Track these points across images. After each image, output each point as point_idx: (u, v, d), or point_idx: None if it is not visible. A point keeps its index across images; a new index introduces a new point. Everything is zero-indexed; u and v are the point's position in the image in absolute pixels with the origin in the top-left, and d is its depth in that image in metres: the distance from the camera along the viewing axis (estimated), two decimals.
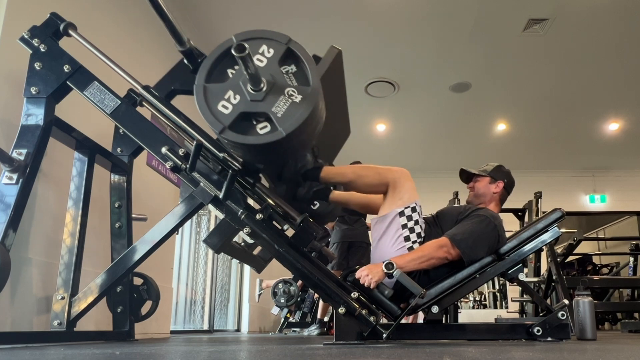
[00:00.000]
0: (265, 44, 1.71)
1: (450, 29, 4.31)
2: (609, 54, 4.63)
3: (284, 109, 1.64)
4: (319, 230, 1.91)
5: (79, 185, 2.18)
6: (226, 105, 1.66)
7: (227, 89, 1.67)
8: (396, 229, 2.01)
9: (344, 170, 2.08)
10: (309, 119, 1.64)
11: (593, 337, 2.51)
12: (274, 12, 4.03)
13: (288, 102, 1.65)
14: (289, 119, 1.62)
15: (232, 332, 5.60)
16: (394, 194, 2.03)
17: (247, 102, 1.65)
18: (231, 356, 1.27)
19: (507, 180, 2.33)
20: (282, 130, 1.61)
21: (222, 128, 1.62)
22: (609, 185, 7.70)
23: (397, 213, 2.01)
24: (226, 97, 1.66)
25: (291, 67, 1.72)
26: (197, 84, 1.68)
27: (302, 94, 1.65)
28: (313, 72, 1.68)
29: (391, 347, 1.62)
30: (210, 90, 1.67)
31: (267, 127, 1.66)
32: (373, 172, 2.06)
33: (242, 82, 1.66)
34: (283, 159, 1.88)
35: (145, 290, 2.44)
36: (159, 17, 1.73)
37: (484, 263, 2.04)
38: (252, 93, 1.65)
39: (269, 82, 1.66)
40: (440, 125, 6.39)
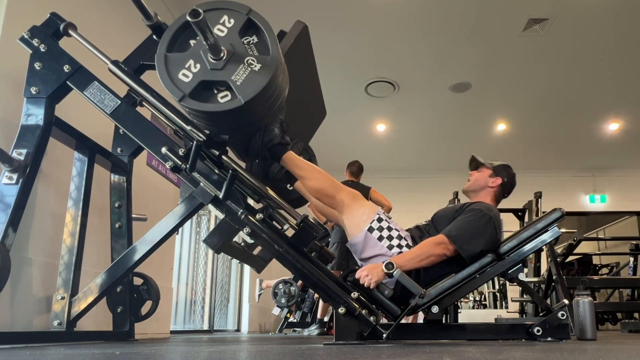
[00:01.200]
0: (226, 14, 1.74)
1: (450, 29, 4.31)
2: (609, 53, 4.63)
3: (243, 77, 1.66)
4: (319, 230, 1.91)
5: (79, 185, 2.18)
6: (186, 74, 1.68)
7: (187, 58, 1.69)
8: (374, 244, 2.02)
9: (302, 164, 2.02)
10: (268, 87, 1.66)
11: (593, 337, 2.51)
12: (274, 12, 4.03)
13: (247, 71, 1.67)
14: (248, 87, 1.65)
15: (232, 332, 5.60)
16: (352, 215, 2.03)
17: (207, 71, 1.67)
18: (231, 356, 1.27)
19: (507, 180, 2.32)
20: (241, 98, 1.64)
21: (182, 96, 1.65)
22: (609, 185, 7.70)
23: (367, 230, 2.02)
24: (187, 65, 1.68)
25: (252, 37, 1.74)
26: (159, 53, 1.70)
27: (261, 62, 1.68)
28: (273, 42, 1.71)
29: (391, 347, 1.62)
30: (171, 59, 1.69)
31: (227, 95, 1.68)
32: (328, 182, 2.03)
33: (203, 52, 1.68)
34: (247, 129, 1.88)
35: (145, 290, 2.44)
36: None
37: (484, 263, 2.04)
38: (212, 62, 1.67)
39: (229, 51, 1.68)
40: (440, 125, 6.39)
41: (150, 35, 2.05)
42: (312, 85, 2.31)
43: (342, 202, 2.03)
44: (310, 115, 2.43)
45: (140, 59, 2.10)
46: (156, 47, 1.79)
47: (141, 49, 2.12)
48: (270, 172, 2.06)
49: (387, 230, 2.03)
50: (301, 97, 1.97)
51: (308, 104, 2.32)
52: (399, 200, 5.53)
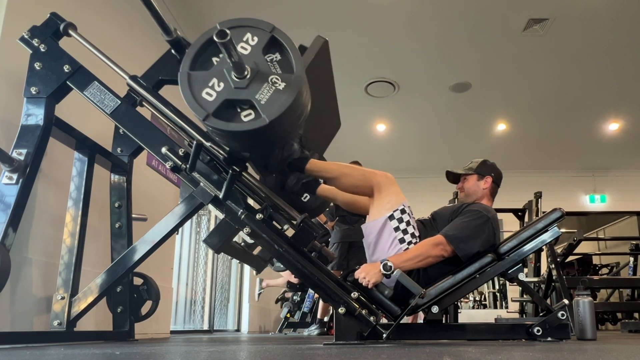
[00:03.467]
0: (249, 32, 1.72)
1: (451, 29, 4.31)
2: (609, 54, 4.63)
3: (267, 96, 1.64)
4: (319, 230, 1.91)
5: (79, 185, 2.18)
6: (210, 93, 1.66)
7: (211, 76, 1.68)
8: (389, 233, 2.02)
9: (329, 166, 2.05)
10: (292, 106, 1.65)
11: (593, 337, 2.51)
12: (275, 12, 4.03)
13: (272, 90, 1.65)
14: (273, 106, 1.63)
15: (232, 332, 5.60)
16: (380, 198, 2.03)
17: (230, 90, 1.66)
18: (231, 356, 1.27)
19: (495, 174, 2.34)
20: (265, 117, 1.62)
21: (206, 115, 1.63)
22: (609, 185, 7.70)
23: (387, 217, 2.01)
24: (210, 84, 1.67)
25: (275, 55, 1.72)
26: (182, 72, 1.68)
27: (285, 81, 1.66)
28: (297, 60, 1.69)
29: (391, 347, 1.62)
30: (195, 77, 1.68)
31: (251, 114, 1.66)
32: (358, 172, 2.05)
33: (226, 70, 1.66)
34: (268, 147, 1.88)
35: (145, 290, 2.44)
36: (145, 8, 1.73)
37: (484, 263, 2.04)
38: (235, 80, 1.65)
39: (252, 69, 1.66)
40: (440, 125, 6.39)
41: (169, 50, 2.03)
42: (329, 97, 2.29)
43: (379, 184, 2.02)
44: (326, 127, 2.41)
45: (159, 74, 2.09)
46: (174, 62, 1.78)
47: (159, 63, 2.11)
48: (287, 184, 2.06)
49: (406, 224, 2.03)
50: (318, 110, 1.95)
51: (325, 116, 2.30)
52: None
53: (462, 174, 2.35)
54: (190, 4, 3.85)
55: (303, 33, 4.27)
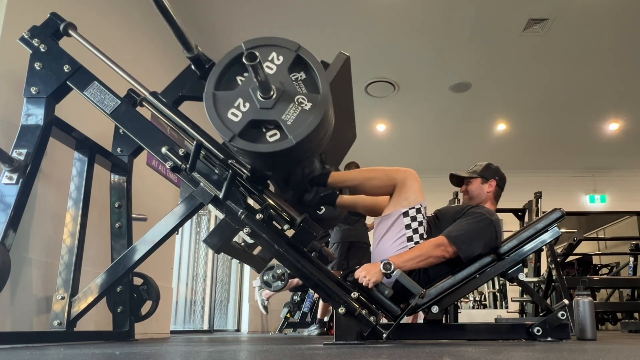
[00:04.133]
0: (275, 51, 1.70)
1: (450, 29, 4.30)
2: (609, 54, 4.63)
3: (293, 117, 1.63)
4: (318, 230, 1.91)
5: (79, 185, 2.18)
6: (236, 113, 1.64)
7: (236, 96, 1.66)
8: (399, 228, 2.02)
9: (351, 175, 2.10)
10: (319, 127, 1.63)
11: (593, 337, 2.51)
12: (275, 12, 4.03)
13: (298, 110, 1.63)
14: (299, 127, 1.61)
15: (232, 332, 5.60)
16: (400, 193, 2.04)
17: (256, 110, 1.64)
18: (231, 356, 1.27)
19: (499, 177, 2.34)
20: (292, 138, 1.60)
21: (232, 136, 1.61)
22: (609, 185, 7.70)
23: (402, 213, 2.01)
24: (236, 104, 1.65)
25: (300, 74, 1.71)
26: (207, 92, 1.66)
27: (312, 101, 1.64)
28: (323, 79, 1.67)
29: (391, 347, 1.62)
30: (220, 97, 1.66)
31: (276, 134, 1.65)
32: (381, 173, 2.07)
33: (252, 90, 1.64)
34: (291, 165, 1.89)
35: (145, 290, 2.44)
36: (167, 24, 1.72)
37: (484, 263, 2.04)
38: (261, 101, 1.64)
39: (278, 89, 1.64)
40: (440, 125, 6.39)
41: (189, 66, 2.02)
42: (348, 111, 2.28)
43: (403, 179, 2.04)
44: (343, 140, 2.41)
45: (179, 91, 2.08)
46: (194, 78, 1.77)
47: (179, 79, 2.10)
48: (305, 199, 2.08)
49: (418, 224, 2.03)
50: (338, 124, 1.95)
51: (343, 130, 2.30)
52: None
53: (466, 177, 2.35)
54: (189, 3, 3.85)
55: (303, 33, 4.29)
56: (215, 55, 1.95)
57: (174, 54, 3.54)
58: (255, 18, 4.09)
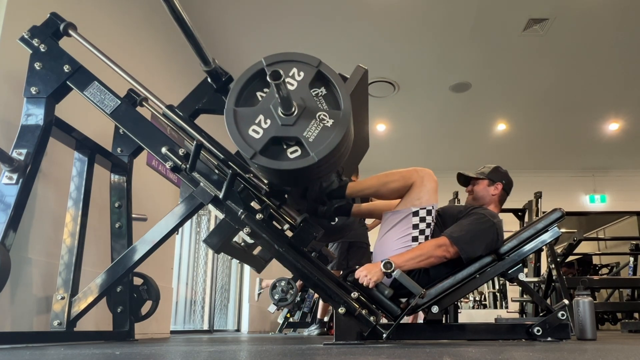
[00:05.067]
0: (295, 67, 1.68)
1: (451, 29, 4.31)
2: (609, 54, 4.63)
3: (315, 134, 1.61)
4: (318, 231, 1.91)
5: (79, 185, 2.18)
6: (257, 130, 1.62)
7: (257, 113, 1.64)
8: (406, 226, 2.02)
9: (368, 182, 2.11)
10: (340, 144, 1.62)
11: (593, 337, 2.51)
12: (275, 12, 4.03)
13: (319, 127, 1.61)
14: (321, 144, 1.59)
15: (232, 332, 5.60)
16: (414, 192, 2.04)
17: (278, 127, 1.62)
18: (231, 356, 1.27)
19: (506, 181, 2.33)
20: (314, 155, 1.58)
21: (254, 153, 1.59)
22: (609, 185, 7.70)
23: (412, 212, 2.02)
24: (257, 121, 1.63)
25: (321, 89, 1.69)
26: (227, 108, 1.64)
27: (333, 118, 1.62)
28: (344, 95, 1.65)
29: (391, 347, 1.62)
30: (241, 114, 1.64)
31: (297, 151, 1.63)
32: (397, 176, 2.07)
33: (273, 106, 1.63)
34: (311, 181, 1.88)
35: (145, 290, 2.44)
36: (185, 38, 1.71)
37: (484, 263, 2.04)
38: (283, 117, 1.62)
39: (299, 105, 1.63)
40: (440, 125, 6.39)
41: (205, 79, 2.01)
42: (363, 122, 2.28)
43: (421, 178, 2.04)
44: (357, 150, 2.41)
45: (196, 104, 2.07)
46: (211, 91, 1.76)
47: (196, 93, 2.09)
48: (320, 211, 2.09)
49: (426, 225, 2.03)
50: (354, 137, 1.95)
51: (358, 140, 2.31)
52: None
53: (474, 177, 2.35)
54: (187, 3, 3.85)
55: (303, 33, 4.29)
56: (213, 54, 1.94)
57: (175, 53, 3.54)
58: (254, 18, 4.09)
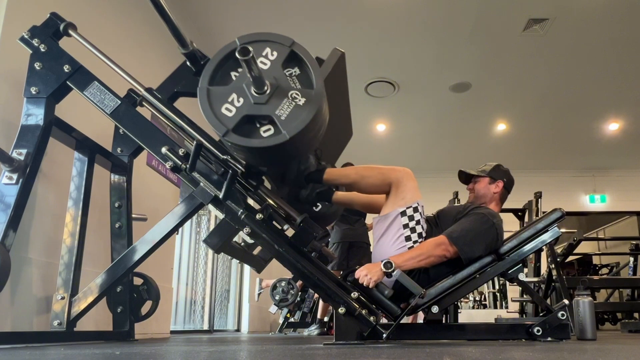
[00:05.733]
0: (268, 47, 1.70)
1: (451, 29, 4.31)
2: (609, 54, 4.63)
3: (287, 112, 1.63)
4: (319, 230, 1.91)
5: (79, 185, 2.18)
6: (230, 108, 1.65)
7: (230, 91, 1.66)
8: (397, 228, 2.02)
9: (346, 171, 2.09)
10: (312, 122, 1.63)
11: (593, 337, 2.51)
12: (275, 12, 4.03)
13: (292, 105, 1.64)
14: (293, 122, 1.62)
15: (232, 332, 5.60)
16: (397, 193, 2.03)
17: (250, 105, 1.64)
18: (231, 356, 1.27)
19: (507, 179, 2.33)
20: (285, 133, 1.60)
21: (226, 131, 1.62)
22: (609, 185, 7.70)
23: (399, 212, 2.01)
24: (230, 99, 1.65)
25: (295, 69, 1.71)
26: (201, 87, 1.67)
27: (305, 96, 1.65)
28: (317, 75, 1.67)
29: (391, 347, 1.62)
30: (214, 92, 1.67)
31: (270, 130, 1.65)
32: (376, 172, 2.06)
33: (246, 85, 1.65)
34: (286, 161, 1.88)
35: (145, 290, 2.44)
36: (162, 20, 1.73)
37: (484, 263, 2.04)
38: (255, 96, 1.64)
39: (272, 84, 1.65)
40: (440, 125, 6.39)
41: (184, 63, 2.02)
42: (344, 108, 2.29)
43: (398, 179, 2.03)
44: (339, 137, 2.41)
45: (174, 87, 2.08)
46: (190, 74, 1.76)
47: (175, 76, 2.10)
48: (301, 195, 2.07)
49: (415, 223, 2.03)
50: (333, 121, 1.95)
51: (338, 126, 2.30)
52: None
53: (475, 175, 2.35)
54: (188, 3, 3.85)
55: (303, 33, 4.28)
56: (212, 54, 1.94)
57: (175, 54, 3.54)
58: (254, 18, 4.09)
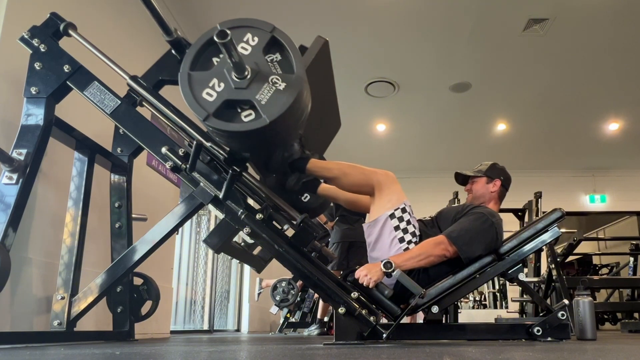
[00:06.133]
0: (249, 32, 1.72)
1: (450, 29, 4.30)
2: (609, 54, 4.63)
3: (267, 97, 1.65)
4: (319, 230, 1.91)
5: (79, 185, 2.18)
6: (210, 93, 1.66)
7: (211, 76, 1.68)
8: (389, 231, 2.02)
9: (330, 165, 2.05)
10: (292, 106, 1.65)
11: (593, 337, 2.51)
12: (275, 12, 4.03)
13: (272, 90, 1.65)
14: (273, 107, 1.63)
15: (232, 332, 5.60)
16: (381, 197, 2.03)
17: (231, 90, 1.66)
18: (231, 356, 1.27)
19: (504, 177, 2.33)
20: (265, 117, 1.62)
21: (207, 115, 1.63)
22: (609, 185, 7.70)
23: (388, 216, 2.01)
24: (210, 84, 1.67)
25: (276, 55, 1.72)
26: (182, 72, 1.68)
27: (286, 81, 1.66)
28: (297, 60, 1.69)
29: (391, 347, 1.62)
30: (195, 78, 1.68)
31: (251, 114, 1.66)
32: (358, 171, 2.05)
33: (227, 70, 1.66)
34: (269, 147, 1.88)
35: (145, 290, 2.44)
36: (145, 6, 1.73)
37: (484, 263, 2.04)
38: (236, 81, 1.66)
39: (253, 70, 1.66)
40: (440, 126, 6.39)
41: (169, 50, 2.03)
42: (330, 97, 2.29)
43: (379, 182, 2.02)
44: (327, 127, 2.41)
45: (159, 75, 2.09)
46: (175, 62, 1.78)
47: (160, 64, 2.11)
48: (287, 184, 2.07)
49: (406, 223, 2.03)
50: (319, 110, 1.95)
51: (325, 116, 2.30)
52: None
53: (471, 175, 2.35)
54: (189, 3, 3.85)
55: (303, 33, 4.27)
56: None
57: None
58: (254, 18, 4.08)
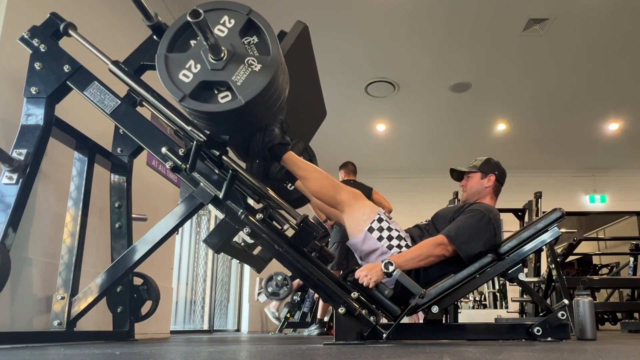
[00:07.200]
0: (226, 15, 1.74)
1: (451, 29, 4.31)
2: (609, 54, 4.63)
3: (243, 78, 1.67)
4: (319, 230, 1.91)
5: (79, 185, 2.18)
6: (187, 74, 1.68)
7: (188, 58, 1.70)
8: (374, 244, 2.03)
9: (303, 164, 2.03)
10: (268, 87, 1.67)
11: (593, 337, 2.51)
12: (274, 12, 4.03)
13: (248, 71, 1.67)
14: (249, 87, 1.65)
15: (232, 332, 5.60)
16: (353, 213, 2.04)
17: (207, 71, 1.67)
18: (231, 356, 1.27)
19: (498, 172, 2.33)
20: (241, 98, 1.64)
21: (183, 96, 1.65)
22: (609, 185, 7.70)
23: (367, 230, 2.03)
24: (187, 66, 1.69)
25: (253, 38, 1.75)
26: (159, 53, 1.70)
27: (261, 62, 1.68)
28: (273, 42, 1.71)
29: (391, 347, 1.62)
30: (172, 59, 1.70)
31: (228, 96, 1.68)
32: (328, 182, 2.04)
33: (203, 52, 1.68)
34: (247, 129, 1.89)
35: (145, 290, 2.44)
36: None
37: (484, 263, 2.04)
38: (212, 62, 1.67)
39: (229, 51, 1.68)
40: (440, 125, 6.39)
41: (151, 36, 2.04)
42: (313, 85, 2.31)
43: (343, 201, 2.03)
44: (311, 116, 2.44)
45: (141, 59, 2.10)
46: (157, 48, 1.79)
47: (141, 49, 2.12)
48: (270, 171, 2.07)
49: (387, 230, 2.04)
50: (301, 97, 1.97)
51: (308, 104, 2.33)
52: (399, 201, 5.54)
53: (466, 171, 2.35)
54: None
55: None
56: None
57: None
58: None
